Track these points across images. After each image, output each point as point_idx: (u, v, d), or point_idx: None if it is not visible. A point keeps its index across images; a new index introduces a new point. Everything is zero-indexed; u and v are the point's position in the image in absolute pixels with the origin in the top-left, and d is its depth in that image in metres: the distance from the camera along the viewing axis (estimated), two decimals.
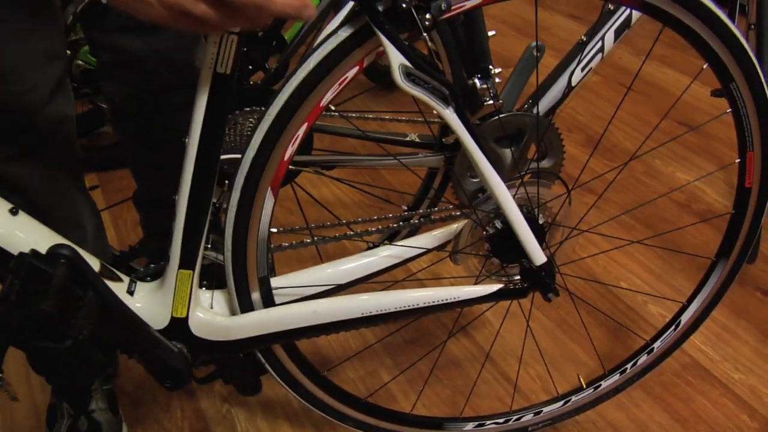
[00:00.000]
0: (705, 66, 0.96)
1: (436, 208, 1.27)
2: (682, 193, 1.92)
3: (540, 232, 0.97)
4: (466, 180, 1.21)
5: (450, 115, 0.85)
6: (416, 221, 1.12)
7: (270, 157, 0.84)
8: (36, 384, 1.40)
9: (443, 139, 1.36)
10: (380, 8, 0.78)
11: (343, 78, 0.81)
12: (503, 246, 0.98)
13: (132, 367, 1.43)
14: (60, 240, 0.87)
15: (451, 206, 1.14)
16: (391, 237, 1.40)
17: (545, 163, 1.24)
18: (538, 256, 0.95)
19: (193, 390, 1.39)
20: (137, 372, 1.42)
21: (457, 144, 1.31)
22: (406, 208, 1.51)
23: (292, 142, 0.84)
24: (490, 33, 1.34)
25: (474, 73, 1.23)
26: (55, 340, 0.78)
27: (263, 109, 1.17)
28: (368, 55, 0.81)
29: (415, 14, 0.78)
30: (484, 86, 1.20)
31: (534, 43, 1.32)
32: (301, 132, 0.83)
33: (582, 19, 2.85)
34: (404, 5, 0.77)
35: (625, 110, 2.28)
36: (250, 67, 1.86)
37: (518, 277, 1.00)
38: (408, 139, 1.41)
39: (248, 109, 1.30)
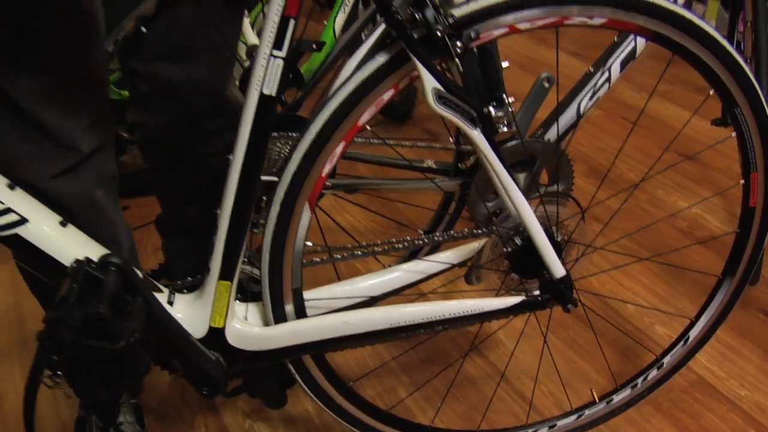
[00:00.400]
0: (711, 92, 1.03)
1: (454, 230, 1.33)
2: (684, 221, 1.99)
3: (558, 248, 1.03)
4: (480, 203, 1.27)
5: (477, 136, 0.91)
6: (443, 238, 1.18)
7: (309, 172, 0.90)
8: (61, 401, 1.44)
9: (459, 165, 1.42)
10: (416, 36, 0.85)
11: (380, 100, 0.87)
12: (523, 261, 1.04)
13: (155, 384, 1.47)
14: (105, 251, 0.92)
15: (473, 226, 1.20)
16: (411, 256, 1.46)
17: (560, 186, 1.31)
18: (558, 270, 1.01)
19: (217, 406, 1.43)
20: (161, 389, 1.47)
21: (472, 169, 1.38)
22: (422, 231, 1.56)
23: (331, 159, 0.90)
24: (504, 64, 1.41)
25: (489, 101, 1.30)
26: (109, 340, 0.83)
27: (290, 134, 1.25)
28: (403, 79, 0.88)
29: (448, 42, 0.84)
30: (500, 114, 1.26)
31: (544, 74, 1.40)
32: (339, 150, 0.89)
33: (584, 56, 2.94)
34: (438, 33, 0.84)
35: (627, 143, 2.36)
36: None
37: (536, 292, 1.06)
38: (425, 165, 1.48)
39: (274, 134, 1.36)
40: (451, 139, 1.47)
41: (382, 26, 1.12)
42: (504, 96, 1.42)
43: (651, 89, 2.60)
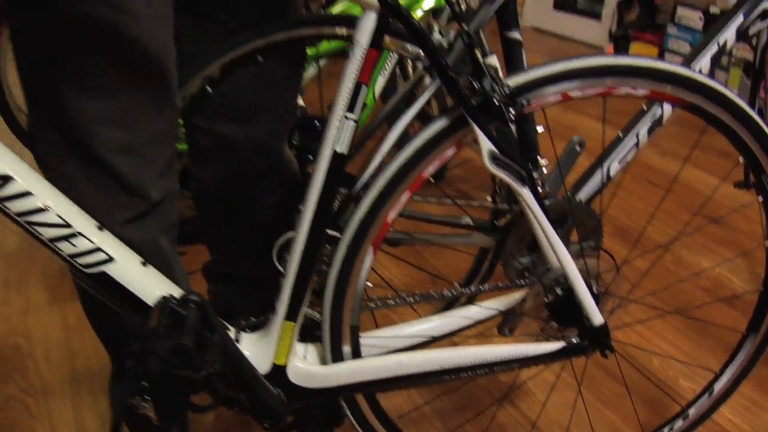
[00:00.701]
0: (741, 160, 1.12)
1: (499, 282, 1.41)
2: (708, 280, 2.07)
3: (596, 298, 1.11)
4: (514, 258, 1.36)
5: (526, 194, 1.01)
6: (495, 287, 1.25)
7: (376, 218, 0.99)
8: None
9: (495, 222, 1.51)
10: (474, 103, 0.95)
11: (444, 155, 0.97)
12: (563, 310, 1.12)
13: (199, 421, 1.54)
14: (180, 290, 1.01)
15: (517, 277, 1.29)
16: (448, 306, 1.54)
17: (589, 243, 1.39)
18: (597, 318, 1.09)
19: None
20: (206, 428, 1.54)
21: (508, 226, 1.47)
22: (458, 284, 1.65)
23: (396, 206, 0.99)
24: (539, 129, 1.52)
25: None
26: (193, 370, 0.92)
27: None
28: (464, 139, 0.98)
29: (504, 109, 0.94)
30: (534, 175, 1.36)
31: (576, 138, 1.50)
32: (404, 198, 0.99)
33: (611, 122, 3.06)
34: (495, 102, 0.94)
35: (652, 204, 2.45)
36: (310, 156, 2.04)
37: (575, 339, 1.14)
38: (463, 222, 1.57)
39: None
40: (488, 199, 1.57)
41: (427, 95, 1.22)
42: (538, 158, 1.53)
43: (674, 153, 2.71)
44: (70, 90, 1.01)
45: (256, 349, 1.07)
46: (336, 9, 2.17)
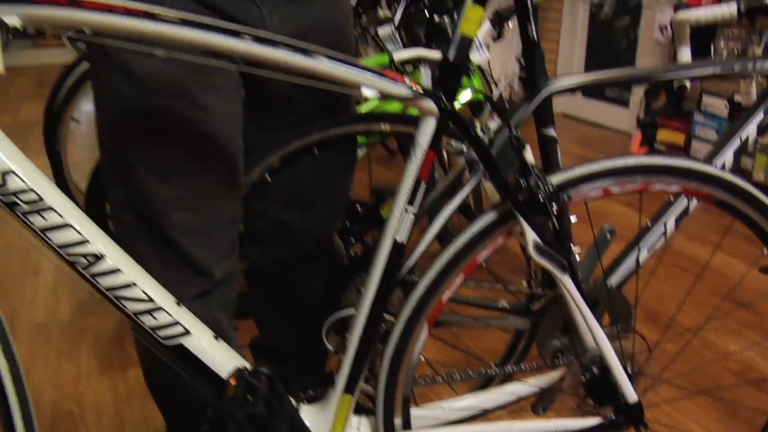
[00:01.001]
0: (766, 251, 1.22)
1: (535, 362, 1.49)
2: (736, 363, 2.13)
3: (630, 378, 1.19)
4: (550, 340, 1.44)
5: (567, 281, 1.10)
6: (535, 367, 1.34)
7: (432, 297, 1.09)
8: None
9: (530, 305, 1.59)
10: (520, 198, 1.06)
11: (495, 243, 1.08)
12: (599, 388, 1.21)
13: None
14: (247, 364, 1.10)
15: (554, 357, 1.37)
16: (485, 384, 1.62)
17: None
18: (632, 396, 1.17)
19: None
20: None
21: (543, 310, 1.55)
22: (494, 363, 1.73)
23: (450, 288, 1.09)
24: (572, 219, 1.61)
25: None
26: None
27: None
28: (513, 229, 1.08)
29: (548, 206, 1.05)
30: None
31: (607, 227, 1.59)
32: (458, 280, 1.09)
33: (634, 205, 3.17)
34: (540, 198, 1.05)
35: (680, 287, 2.53)
36: (352, 239, 2.14)
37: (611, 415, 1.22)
38: (500, 305, 1.66)
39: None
40: (524, 283, 1.66)
41: (468, 189, 1.33)
42: (572, 245, 1.62)
43: (701, 237, 2.81)
44: (147, 175, 1.12)
45: (315, 420, 1.15)
46: (366, 107, 2.29)
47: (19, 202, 0.91)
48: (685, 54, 1.92)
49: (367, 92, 0.95)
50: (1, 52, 0.88)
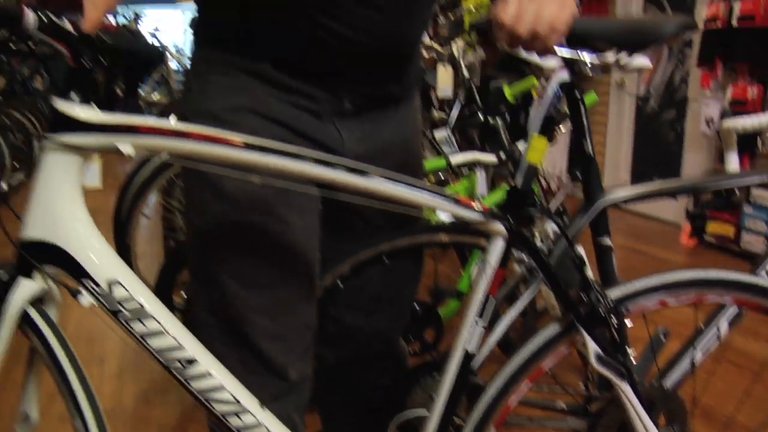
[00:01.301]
0: None
1: None
2: None
3: None
4: None
5: (626, 388, 1.17)
6: None
7: (500, 402, 1.16)
8: None
9: (587, 407, 1.64)
10: (582, 312, 1.13)
11: (559, 352, 1.15)
12: None
13: None
14: None
15: None
16: None
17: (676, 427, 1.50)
18: None
19: None
20: None
21: (600, 412, 1.59)
22: None
23: (517, 394, 1.17)
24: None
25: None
26: None
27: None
28: (575, 340, 1.16)
29: (608, 318, 1.13)
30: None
31: (661, 329, 1.64)
32: (524, 387, 1.16)
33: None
34: (601, 312, 1.12)
35: (734, 384, 2.53)
36: (411, 336, 2.21)
37: None
38: (558, 407, 1.70)
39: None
40: (581, 385, 1.70)
41: (528, 297, 1.40)
42: (627, 348, 1.67)
43: (755, 332, 2.81)
44: (231, 282, 1.21)
45: None
46: None
47: (122, 309, 1.01)
48: (732, 161, 2.01)
49: (443, 216, 1.05)
50: (99, 173, 1.00)
